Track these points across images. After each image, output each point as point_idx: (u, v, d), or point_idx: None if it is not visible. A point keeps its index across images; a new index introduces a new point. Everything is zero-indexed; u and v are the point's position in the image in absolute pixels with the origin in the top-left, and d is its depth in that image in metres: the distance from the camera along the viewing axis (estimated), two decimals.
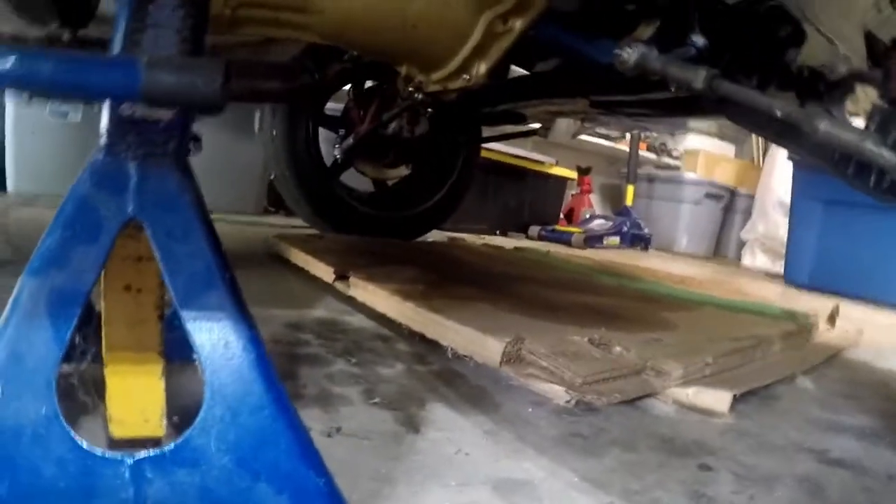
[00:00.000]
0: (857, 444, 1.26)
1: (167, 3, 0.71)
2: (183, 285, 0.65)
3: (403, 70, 1.68)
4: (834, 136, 1.01)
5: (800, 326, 2.06)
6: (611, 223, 5.60)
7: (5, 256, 1.85)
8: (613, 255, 4.87)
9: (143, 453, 0.61)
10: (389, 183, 2.98)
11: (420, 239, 3.19)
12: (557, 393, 1.22)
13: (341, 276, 1.85)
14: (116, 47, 0.70)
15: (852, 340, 2.24)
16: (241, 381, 0.64)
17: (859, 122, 1.23)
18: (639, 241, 5.67)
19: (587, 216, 5.77)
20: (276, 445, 0.63)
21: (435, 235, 3.60)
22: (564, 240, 5.02)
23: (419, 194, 3.03)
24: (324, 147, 2.80)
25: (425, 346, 1.47)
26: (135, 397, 0.80)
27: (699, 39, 1.30)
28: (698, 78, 1.19)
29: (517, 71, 2.07)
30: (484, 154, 3.90)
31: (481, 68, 1.52)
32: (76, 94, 0.67)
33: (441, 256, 2.66)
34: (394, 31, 1.44)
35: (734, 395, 1.35)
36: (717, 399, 1.34)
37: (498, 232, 5.07)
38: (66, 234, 0.63)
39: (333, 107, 2.88)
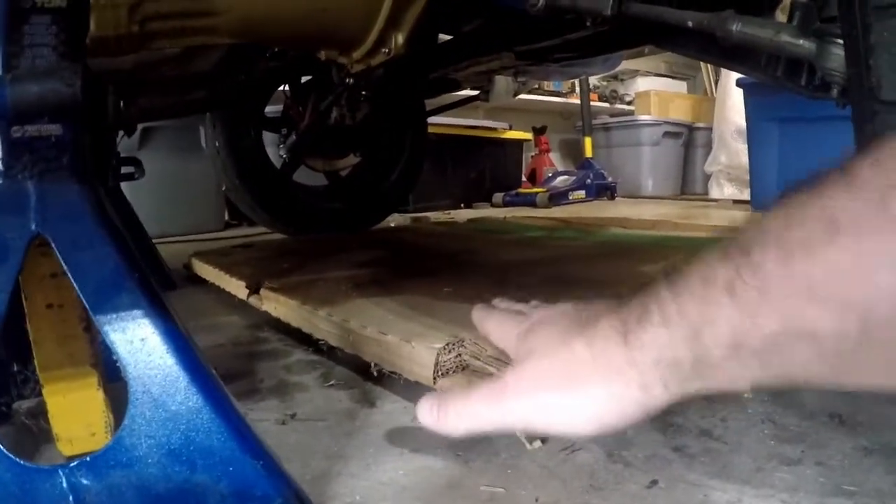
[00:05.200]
0: None
1: (41, 22, 0.70)
2: (92, 291, 0.65)
3: (323, 55, 1.66)
4: (749, 35, 1.01)
5: None
6: (574, 177, 5.60)
7: None
8: (580, 208, 4.87)
9: (76, 461, 0.61)
10: (342, 173, 2.97)
11: (383, 223, 3.17)
12: None
13: (256, 290, 1.59)
14: None
15: None
16: (164, 375, 0.64)
17: None
18: (604, 190, 5.67)
19: (550, 175, 5.77)
20: (209, 433, 0.63)
21: (399, 219, 3.59)
22: (529, 201, 5.01)
23: (373, 179, 3.01)
24: (271, 151, 2.79)
25: None
26: (77, 413, 0.79)
27: None
28: (607, 4, 1.19)
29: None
30: (436, 129, 3.89)
31: (399, 39, 1.51)
32: None
33: (387, 244, 2.53)
34: (304, 18, 1.43)
35: None
36: None
37: (462, 205, 5.07)
38: None
39: (273, 109, 2.86)
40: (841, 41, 0.92)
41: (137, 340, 0.64)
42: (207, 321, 1.60)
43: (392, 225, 3.33)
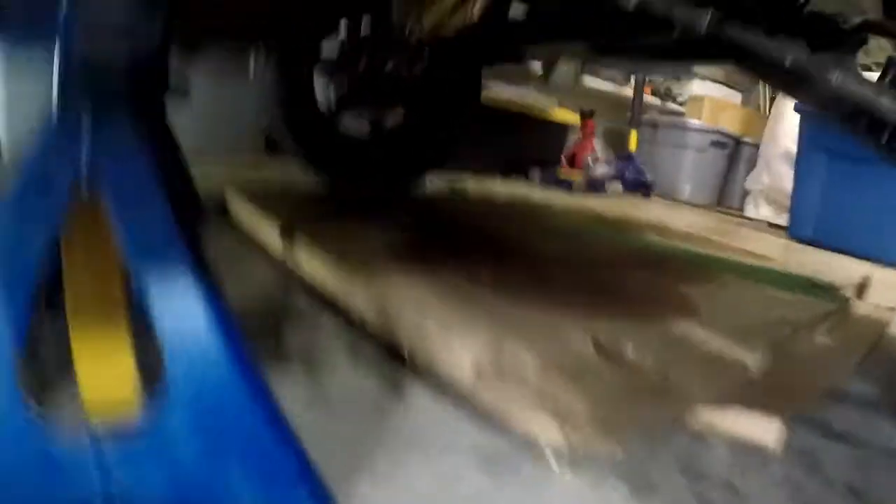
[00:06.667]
0: (857, 415, 1.23)
1: None
2: (137, 247, 0.61)
3: (395, 17, 1.62)
4: (847, 89, 0.98)
5: (833, 303, 1.81)
6: (613, 169, 5.54)
7: None
8: (615, 201, 4.83)
9: (106, 436, 0.58)
10: (388, 125, 2.92)
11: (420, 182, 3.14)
12: (550, 434, 0.87)
13: (287, 233, 1.55)
14: None
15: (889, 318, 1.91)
16: (203, 354, 0.60)
17: (871, 76, 1.19)
18: (640, 186, 5.61)
19: (590, 161, 5.71)
20: (243, 423, 0.60)
21: (436, 181, 3.55)
22: (565, 186, 4.96)
23: (418, 135, 2.96)
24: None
25: None
26: (107, 374, 0.75)
27: None
28: (704, 21, 1.15)
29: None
30: (483, 95, 3.84)
31: (475, 10, 1.47)
32: None
33: (427, 213, 2.53)
34: None
35: (785, 422, 1.03)
36: (763, 429, 1.01)
37: (499, 175, 5.02)
38: (18, 186, 0.59)
39: (327, 46, 2.79)
40: None
41: (177, 307, 0.61)
42: (236, 269, 1.57)
43: (428, 185, 3.28)
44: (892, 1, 1.27)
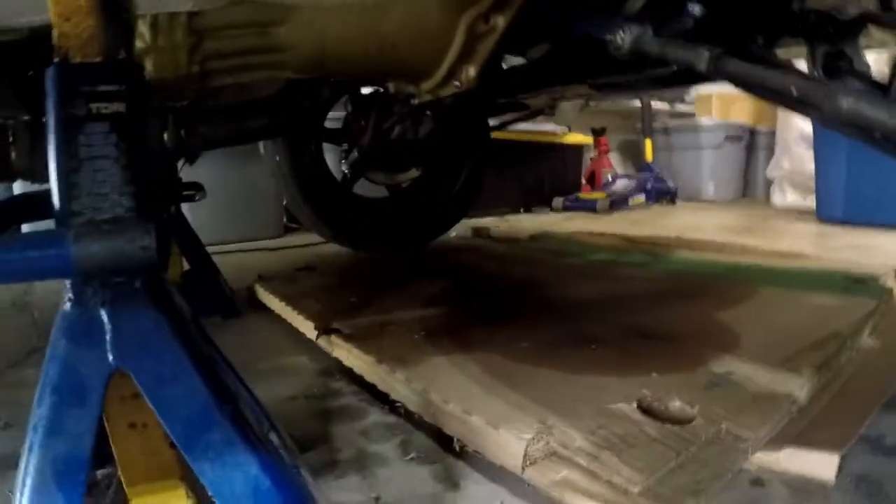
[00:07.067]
0: None
1: (98, 131, 0.65)
2: (181, 428, 0.61)
3: (392, 87, 1.63)
4: (860, 114, 0.95)
5: (874, 298, 1.75)
6: (634, 182, 5.51)
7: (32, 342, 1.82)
8: (641, 215, 4.80)
9: None
10: (403, 185, 2.93)
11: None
12: None
13: (325, 331, 1.56)
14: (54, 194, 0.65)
15: None
16: None
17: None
18: (665, 195, 5.58)
19: (609, 178, 5.68)
20: None
21: (458, 227, 3.55)
22: (589, 207, 4.95)
23: (435, 193, 2.97)
24: (330, 157, 2.78)
25: None
26: None
27: (695, 7, 1.23)
28: (701, 59, 1.12)
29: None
30: (497, 135, 3.85)
31: (470, 72, 1.47)
32: (7, 280, 0.64)
33: (451, 270, 2.49)
34: (373, 54, 1.40)
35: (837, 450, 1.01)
36: (820, 463, 0.99)
37: (522, 209, 5.02)
38: (54, 400, 0.60)
39: (335, 115, 2.81)
40: None
41: (232, 480, 0.61)
42: (275, 362, 1.57)
43: (453, 234, 3.28)
44: None
